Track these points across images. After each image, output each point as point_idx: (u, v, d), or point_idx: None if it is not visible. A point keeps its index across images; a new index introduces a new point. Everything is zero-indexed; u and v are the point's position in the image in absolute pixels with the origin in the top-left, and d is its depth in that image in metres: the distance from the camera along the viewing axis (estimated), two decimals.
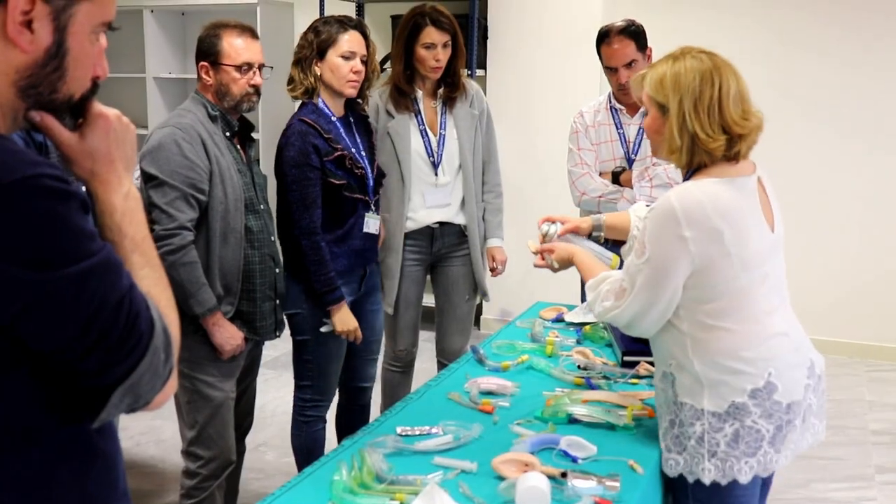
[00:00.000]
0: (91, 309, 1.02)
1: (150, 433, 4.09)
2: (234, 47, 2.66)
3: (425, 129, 3.41)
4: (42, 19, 1.04)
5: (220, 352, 2.67)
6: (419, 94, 3.42)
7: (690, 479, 2.03)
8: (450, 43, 3.33)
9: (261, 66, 2.72)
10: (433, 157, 3.41)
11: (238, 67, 2.66)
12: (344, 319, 2.97)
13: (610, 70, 3.36)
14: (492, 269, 3.63)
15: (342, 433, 3.42)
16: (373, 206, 3.11)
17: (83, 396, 1.08)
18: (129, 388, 1.07)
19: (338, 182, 2.93)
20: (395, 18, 5.77)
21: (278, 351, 5.03)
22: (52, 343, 1.02)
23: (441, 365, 3.68)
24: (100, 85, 1.16)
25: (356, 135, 3.10)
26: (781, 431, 2.01)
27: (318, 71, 2.96)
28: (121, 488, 1.21)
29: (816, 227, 5.17)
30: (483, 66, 5.63)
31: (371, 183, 3.10)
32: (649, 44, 3.37)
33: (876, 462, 3.96)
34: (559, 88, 5.43)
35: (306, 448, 3.22)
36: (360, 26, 3.00)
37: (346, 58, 2.93)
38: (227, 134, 2.70)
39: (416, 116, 3.41)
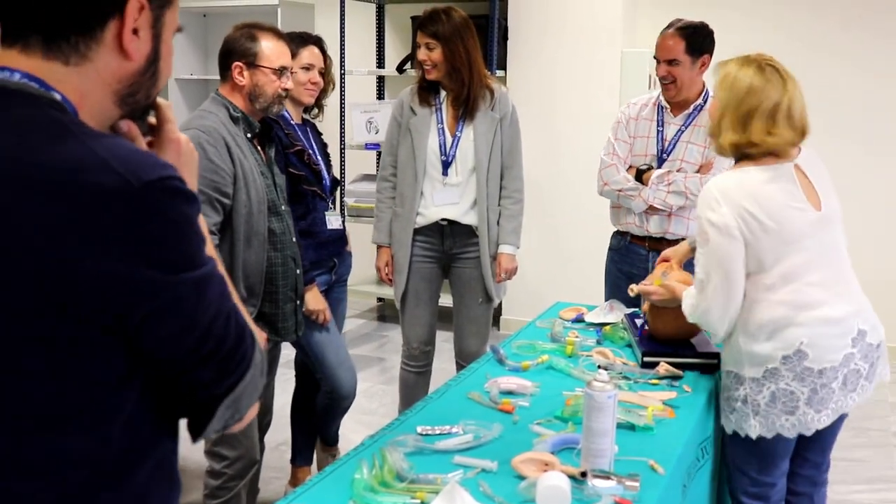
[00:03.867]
0: (210, 315, 1.02)
1: None
2: (273, 51, 2.70)
3: (443, 128, 3.47)
4: (145, 27, 1.07)
5: None
6: (443, 94, 3.49)
7: (742, 435, 2.38)
8: (437, 46, 3.37)
9: (291, 71, 2.79)
10: (445, 156, 3.46)
11: (275, 70, 2.69)
12: (315, 298, 3.12)
13: (656, 60, 3.38)
14: (496, 275, 3.59)
15: (296, 418, 3.54)
16: (331, 205, 3.33)
17: (188, 413, 1.09)
18: (233, 402, 1.07)
19: (297, 173, 3.14)
20: (415, 20, 5.78)
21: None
22: (174, 350, 1.01)
23: (459, 367, 3.69)
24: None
25: (311, 140, 3.31)
26: (818, 394, 2.29)
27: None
28: (175, 493, 1.20)
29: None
30: (503, 66, 5.63)
31: (327, 183, 3.31)
32: (688, 49, 3.31)
33: None
34: (579, 88, 5.43)
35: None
36: (318, 42, 3.25)
37: (305, 69, 3.17)
38: (249, 135, 2.72)
39: (437, 114, 3.47)
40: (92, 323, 0.96)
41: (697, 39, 3.31)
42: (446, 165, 3.46)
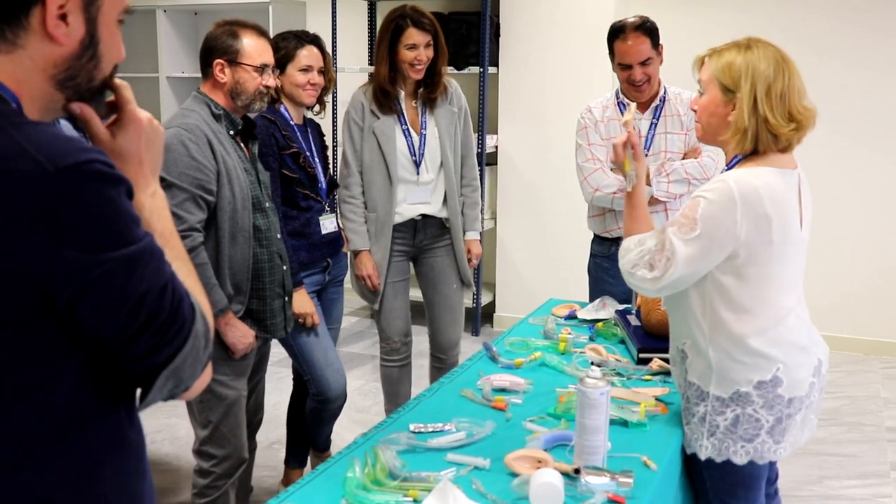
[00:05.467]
0: (140, 292, 1.05)
1: (165, 431, 4.11)
2: (255, 48, 2.68)
3: (408, 129, 3.50)
4: (75, 12, 1.08)
5: (232, 351, 2.68)
6: (401, 94, 3.49)
7: (688, 452, 2.21)
8: (432, 43, 3.41)
9: (273, 68, 2.75)
10: (415, 156, 3.50)
11: (256, 68, 2.67)
12: (301, 302, 3.07)
13: (622, 67, 3.31)
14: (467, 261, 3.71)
15: (292, 421, 3.53)
16: (327, 208, 3.30)
17: (128, 383, 1.12)
18: (173, 372, 1.11)
19: (292, 175, 3.11)
20: None
21: None
22: (105, 326, 1.05)
23: (435, 359, 3.77)
24: (118, 65, 1.19)
25: (311, 142, 3.28)
26: (781, 424, 2.12)
27: (278, 83, 3.12)
28: (148, 479, 1.24)
29: (830, 224, 5.15)
30: (495, 63, 5.63)
31: (323, 186, 3.28)
32: (661, 41, 3.33)
33: (891, 459, 3.95)
34: (571, 84, 5.42)
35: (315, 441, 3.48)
36: (316, 41, 3.19)
37: (304, 71, 3.13)
38: (231, 132, 2.70)
39: (399, 116, 3.49)
40: (25, 306, 1.00)
41: (655, 32, 3.29)
42: (417, 165, 3.52)
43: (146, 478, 1.23)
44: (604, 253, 3.53)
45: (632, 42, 3.25)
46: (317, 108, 3.33)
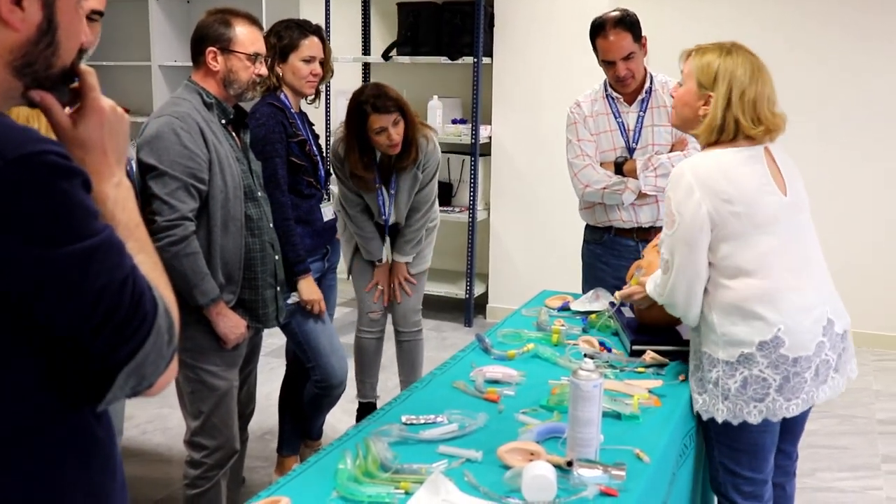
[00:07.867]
0: (97, 287, 1.01)
1: (157, 421, 4.10)
2: (247, 36, 2.67)
3: (382, 188, 3.62)
4: None
5: (224, 341, 2.67)
6: (378, 154, 3.58)
7: (705, 417, 2.36)
8: (399, 119, 3.44)
9: (265, 57, 2.74)
10: (383, 207, 3.65)
11: (249, 56, 2.66)
12: (309, 289, 3.14)
13: (606, 63, 3.29)
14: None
15: (284, 407, 3.55)
16: (325, 196, 3.39)
17: (87, 381, 1.08)
18: (135, 369, 1.07)
19: (299, 163, 3.16)
20: (400, 6, 5.76)
21: (284, 339, 5.01)
22: (61, 323, 1.01)
23: (398, 333, 3.90)
24: (85, 52, 1.16)
25: (307, 131, 3.32)
26: (790, 382, 2.27)
27: (279, 72, 3.17)
28: (119, 479, 1.20)
29: (823, 218, 5.12)
30: (489, 53, 5.61)
31: (322, 173, 3.33)
32: (646, 33, 3.30)
33: (882, 451, 3.96)
34: (565, 75, 5.41)
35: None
36: (318, 31, 3.22)
37: (306, 61, 3.17)
38: (223, 121, 2.69)
39: (377, 174, 3.60)
40: None
41: (636, 26, 3.25)
42: (384, 215, 3.68)
43: (116, 476, 1.19)
44: (596, 240, 3.55)
45: (613, 38, 3.22)
46: (311, 96, 3.33)
